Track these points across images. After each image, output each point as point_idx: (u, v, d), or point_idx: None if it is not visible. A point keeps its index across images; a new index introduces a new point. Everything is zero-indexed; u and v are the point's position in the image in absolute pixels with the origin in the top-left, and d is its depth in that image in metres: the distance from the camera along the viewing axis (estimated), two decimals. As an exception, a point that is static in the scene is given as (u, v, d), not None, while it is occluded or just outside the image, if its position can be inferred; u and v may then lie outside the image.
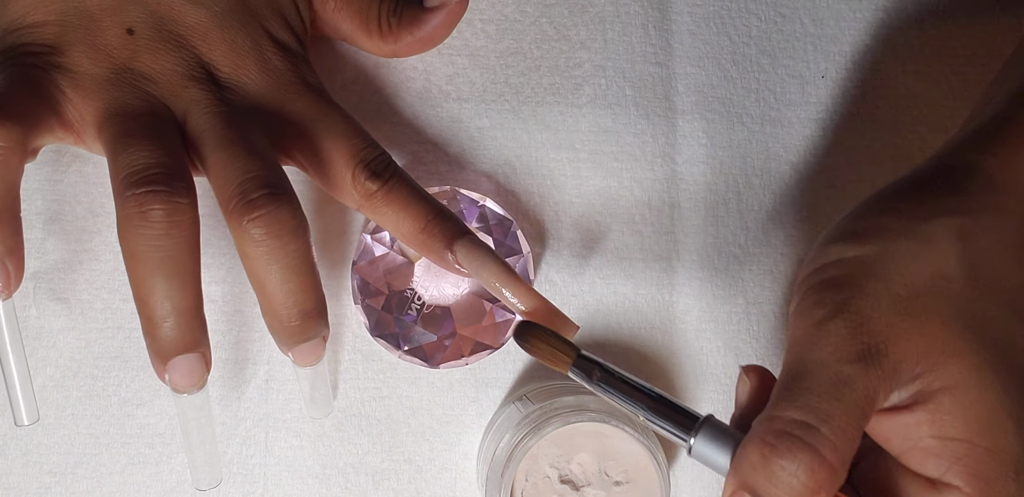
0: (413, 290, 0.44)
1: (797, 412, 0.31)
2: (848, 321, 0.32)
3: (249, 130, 0.38)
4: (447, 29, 0.43)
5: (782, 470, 0.30)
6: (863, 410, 0.31)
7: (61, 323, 0.45)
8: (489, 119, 0.47)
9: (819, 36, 0.48)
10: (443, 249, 0.39)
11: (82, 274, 0.45)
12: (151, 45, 0.39)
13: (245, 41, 0.40)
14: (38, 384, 0.44)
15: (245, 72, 0.40)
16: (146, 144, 0.36)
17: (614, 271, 0.46)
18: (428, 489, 0.45)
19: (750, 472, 0.31)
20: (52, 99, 0.37)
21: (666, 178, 0.47)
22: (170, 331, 0.35)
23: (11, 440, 0.44)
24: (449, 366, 0.43)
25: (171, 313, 0.35)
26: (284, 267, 0.36)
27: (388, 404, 0.45)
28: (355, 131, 0.40)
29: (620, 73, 0.47)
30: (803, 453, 0.30)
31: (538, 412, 0.42)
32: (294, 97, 0.40)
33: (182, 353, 0.36)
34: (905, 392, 0.32)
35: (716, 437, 0.33)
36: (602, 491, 0.41)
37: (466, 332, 0.43)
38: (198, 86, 0.39)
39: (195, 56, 0.39)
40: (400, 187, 0.39)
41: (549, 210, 0.47)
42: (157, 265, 0.35)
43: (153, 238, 0.34)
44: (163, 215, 0.34)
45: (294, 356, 0.38)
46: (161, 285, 0.35)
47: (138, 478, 0.44)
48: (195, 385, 0.37)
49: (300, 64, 0.41)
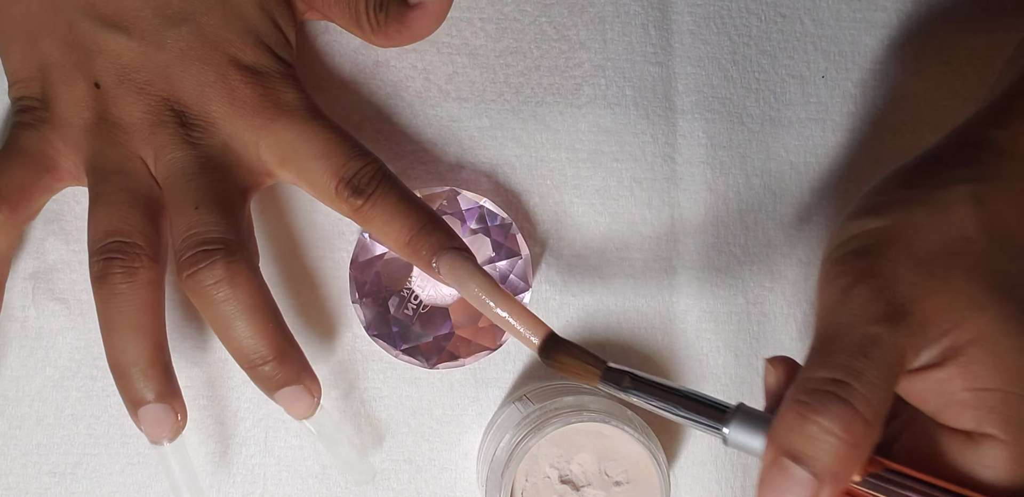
0: (411, 289, 0.44)
1: (828, 371, 0.31)
2: (872, 285, 0.32)
3: (208, 174, 0.39)
4: (434, 23, 0.42)
5: (817, 426, 0.31)
6: (893, 368, 0.31)
7: (61, 323, 0.45)
8: (489, 119, 0.47)
9: (819, 36, 0.48)
10: (427, 265, 0.39)
11: (82, 274, 0.45)
12: (117, 97, 0.40)
13: (207, 76, 0.40)
14: (38, 384, 0.44)
15: (213, 107, 0.40)
16: (113, 211, 0.39)
17: (614, 271, 0.46)
18: (428, 489, 0.45)
19: (786, 434, 0.31)
20: (46, 158, 0.41)
21: (666, 178, 0.47)
22: (134, 382, 0.39)
23: (11, 440, 0.44)
24: (446, 366, 0.43)
25: (133, 364, 0.38)
26: (225, 316, 0.38)
27: (388, 404, 0.45)
28: (334, 148, 0.40)
29: (620, 73, 0.47)
30: (837, 406, 0.31)
31: (538, 412, 0.42)
32: (267, 123, 0.40)
33: (148, 403, 0.39)
34: (935, 349, 0.32)
35: (750, 423, 0.33)
36: (602, 491, 0.41)
37: (463, 333, 0.43)
38: (165, 131, 0.40)
39: (161, 100, 0.40)
40: (384, 200, 0.39)
41: (549, 210, 0.47)
42: (117, 321, 0.38)
43: (111, 298, 0.38)
44: (120, 278, 0.38)
45: (280, 405, 0.40)
46: (120, 339, 0.38)
47: (138, 478, 0.44)
48: (164, 435, 0.39)
49: (274, 84, 0.41)
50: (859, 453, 0.31)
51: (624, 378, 0.35)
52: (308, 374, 0.40)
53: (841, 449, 0.31)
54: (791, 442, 0.31)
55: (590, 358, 0.36)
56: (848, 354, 0.31)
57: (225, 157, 0.40)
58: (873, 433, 0.31)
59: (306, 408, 0.40)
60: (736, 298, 0.47)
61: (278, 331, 0.39)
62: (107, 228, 0.39)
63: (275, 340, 0.39)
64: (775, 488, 0.31)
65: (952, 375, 0.32)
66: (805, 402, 0.31)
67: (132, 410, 0.39)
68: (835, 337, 0.32)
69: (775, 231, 0.47)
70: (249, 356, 0.39)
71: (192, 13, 0.40)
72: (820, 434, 0.31)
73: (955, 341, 0.32)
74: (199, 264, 0.38)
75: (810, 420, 0.31)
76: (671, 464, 0.46)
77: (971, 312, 0.32)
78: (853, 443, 0.31)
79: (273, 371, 0.39)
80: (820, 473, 0.31)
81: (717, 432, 0.34)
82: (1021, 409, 0.31)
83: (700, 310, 0.46)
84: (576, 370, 0.36)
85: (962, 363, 0.32)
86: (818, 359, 0.32)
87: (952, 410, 0.32)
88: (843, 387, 0.31)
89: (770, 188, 0.47)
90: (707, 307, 0.46)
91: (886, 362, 0.31)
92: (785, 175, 0.47)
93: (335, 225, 0.46)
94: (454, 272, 0.38)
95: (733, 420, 0.33)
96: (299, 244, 0.46)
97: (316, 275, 0.46)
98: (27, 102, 0.41)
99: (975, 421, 0.32)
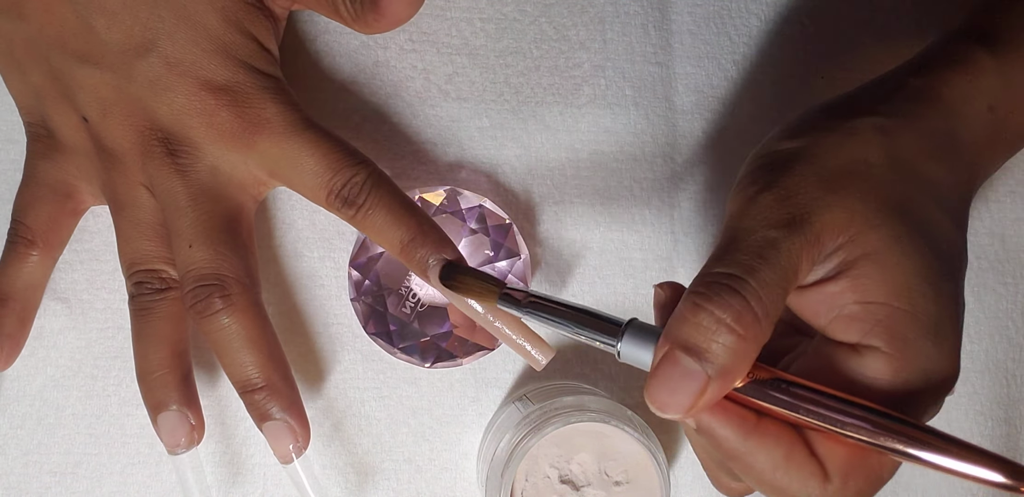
0: (409, 288, 0.44)
1: (725, 267, 0.33)
2: (776, 194, 0.34)
3: (199, 207, 0.40)
4: (409, 8, 0.41)
5: (710, 315, 0.32)
6: (787, 271, 0.33)
7: (61, 323, 0.45)
8: (489, 119, 0.47)
9: (818, 36, 0.48)
10: (421, 273, 0.39)
11: (82, 274, 0.45)
12: (104, 129, 0.40)
13: (181, 104, 0.40)
14: (38, 384, 0.44)
15: (193, 133, 0.40)
16: (135, 246, 0.41)
17: (614, 271, 0.46)
18: (428, 489, 0.45)
19: (680, 325, 0.32)
20: (67, 186, 0.43)
21: (666, 178, 0.47)
22: (154, 388, 0.41)
23: (11, 440, 0.44)
24: (443, 366, 0.43)
25: (154, 370, 0.41)
26: (222, 344, 0.40)
27: (388, 404, 0.45)
28: (320, 160, 0.40)
29: (620, 73, 0.47)
30: (730, 296, 0.32)
31: (538, 412, 0.42)
32: (250, 143, 0.40)
33: (164, 408, 0.41)
34: (829, 264, 0.33)
35: (642, 337, 0.34)
36: (602, 491, 0.41)
37: (461, 333, 0.43)
38: (153, 161, 0.40)
39: (146, 129, 0.40)
40: (376, 210, 0.39)
41: (549, 210, 0.47)
42: (142, 331, 0.41)
43: (141, 314, 0.41)
44: (148, 298, 0.41)
45: (266, 436, 0.41)
46: (143, 347, 0.41)
47: (138, 478, 0.45)
48: (178, 444, 0.41)
49: (251, 102, 0.40)
50: (749, 349, 0.32)
51: (522, 297, 0.36)
52: (296, 413, 0.41)
53: (732, 342, 0.31)
54: (685, 333, 0.32)
55: (490, 279, 0.37)
56: (746, 253, 0.33)
57: (216, 179, 0.41)
58: (763, 331, 0.32)
59: (285, 450, 0.41)
60: (736, 298, 0.47)
61: (271, 362, 0.40)
62: (132, 259, 0.41)
63: (267, 370, 0.40)
64: (666, 380, 0.32)
65: (843, 288, 0.33)
66: (701, 292, 0.32)
67: (153, 417, 0.41)
68: (736, 238, 0.33)
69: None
70: (242, 382, 0.40)
71: (154, 41, 0.39)
72: (713, 324, 0.32)
73: (848, 255, 0.33)
74: (198, 298, 0.40)
75: (703, 309, 0.32)
76: (671, 464, 0.46)
77: (866, 228, 0.33)
78: (743, 336, 0.32)
79: (263, 400, 0.40)
80: (711, 365, 0.31)
81: (612, 347, 0.34)
82: (905, 323, 0.33)
83: (700, 310, 0.46)
84: (476, 289, 0.37)
85: (853, 276, 0.33)
86: (717, 257, 0.33)
87: (841, 323, 0.33)
88: (737, 281, 0.32)
89: (770, 188, 0.47)
90: (707, 307, 0.46)
91: (781, 264, 0.32)
92: (785, 175, 0.47)
93: (335, 225, 0.46)
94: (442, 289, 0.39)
95: (625, 334, 0.34)
96: (299, 244, 0.46)
97: (315, 274, 0.46)
98: (35, 129, 0.43)
99: (861, 333, 0.33)
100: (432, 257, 0.39)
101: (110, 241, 0.45)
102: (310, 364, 0.45)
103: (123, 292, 0.45)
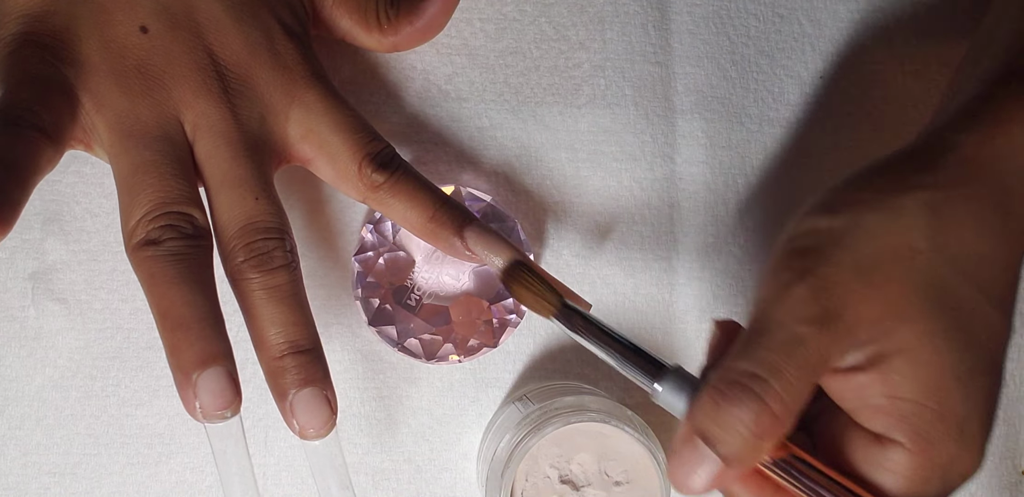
0: (413, 282, 0.44)
1: (750, 364, 0.33)
2: (810, 285, 0.33)
3: (256, 158, 0.38)
4: (445, 16, 0.42)
5: (730, 416, 0.32)
6: (814, 368, 0.33)
7: (60, 323, 0.45)
8: (489, 119, 0.47)
9: (817, 36, 0.48)
10: (452, 236, 0.40)
11: (81, 274, 0.45)
12: (165, 46, 0.37)
13: (258, 35, 0.39)
14: (37, 384, 0.44)
15: (257, 71, 0.39)
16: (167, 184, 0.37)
17: (614, 271, 0.46)
18: (428, 489, 0.45)
19: (701, 417, 0.33)
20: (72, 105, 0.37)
21: (666, 178, 0.47)
22: (199, 336, 0.36)
23: (11, 440, 0.44)
24: (444, 363, 0.43)
25: (200, 318, 0.36)
26: (273, 302, 0.37)
27: (388, 404, 0.45)
28: (361, 125, 0.40)
29: (619, 73, 0.47)
30: (750, 401, 0.32)
31: (538, 412, 0.42)
32: (303, 92, 0.40)
33: (213, 362, 0.36)
34: (861, 354, 0.33)
35: (681, 386, 0.34)
36: (602, 491, 0.41)
37: (463, 330, 0.44)
38: (208, 97, 0.38)
39: (208, 57, 0.38)
40: (406, 179, 0.40)
41: (549, 210, 0.47)
42: (180, 277, 0.36)
43: (170, 259, 0.36)
44: (183, 243, 0.36)
45: (294, 411, 0.37)
46: (182, 293, 0.36)
47: (138, 478, 0.44)
48: (226, 406, 0.36)
49: (308, 53, 0.40)
50: (766, 443, 0.33)
51: (577, 318, 0.37)
52: (331, 385, 0.38)
53: (748, 439, 0.32)
54: (704, 424, 0.33)
55: (549, 293, 0.38)
56: (772, 350, 0.32)
57: (261, 130, 0.39)
58: (782, 427, 0.32)
59: (320, 422, 0.37)
60: (736, 298, 0.47)
61: (314, 326, 0.38)
62: (163, 198, 0.36)
63: (314, 333, 0.38)
64: (684, 462, 0.33)
65: (873, 380, 0.33)
66: (722, 391, 0.32)
67: (187, 375, 0.35)
68: (764, 331, 0.33)
69: (775, 231, 0.47)
70: (290, 342, 0.37)
71: None
72: (731, 422, 0.32)
73: (881, 349, 0.33)
74: (262, 250, 0.37)
75: (723, 409, 0.32)
76: (671, 464, 0.46)
77: (901, 323, 0.33)
78: (760, 435, 0.32)
79: (308, 364, 0.37)
80: (726, 457, 0.32)
81: (648, 386, 0.35)
82: (931, 422, 0.32)
83: (700, 310, 0.46)
84: (532, 303, 0.38)
85: (884, 370, 0.33)
86: (744, 350, 0.33)
87: (867, 412, 0.33)
88: (760, 383, 0.32)
89: (769, 188, 0.47)
90: (707, 307, 0.46)
91: (807, 363, 0.32)
92: (784, 175, 0.47)
93: (338, 221, 0.46)
94: (481, 242, 0.39)
95: (665, 378, 0.35)
96: (302, 240, 0.46)
97: (316, 274, 0.46)
98: (39, 38, 0.36)
99: (886, 426, 0.33)
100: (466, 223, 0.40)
101: (108, 241, 0.45)
102: (310, 364, 0.45)
103: (122, 292, 0.45)
